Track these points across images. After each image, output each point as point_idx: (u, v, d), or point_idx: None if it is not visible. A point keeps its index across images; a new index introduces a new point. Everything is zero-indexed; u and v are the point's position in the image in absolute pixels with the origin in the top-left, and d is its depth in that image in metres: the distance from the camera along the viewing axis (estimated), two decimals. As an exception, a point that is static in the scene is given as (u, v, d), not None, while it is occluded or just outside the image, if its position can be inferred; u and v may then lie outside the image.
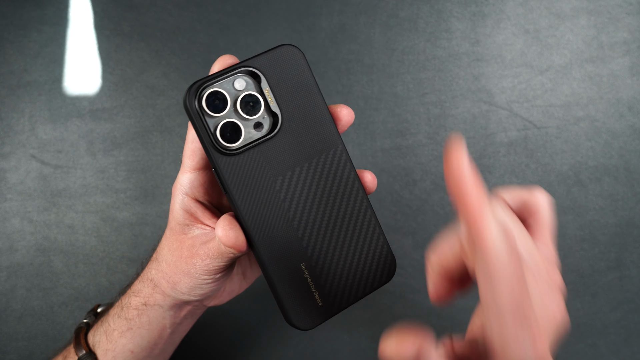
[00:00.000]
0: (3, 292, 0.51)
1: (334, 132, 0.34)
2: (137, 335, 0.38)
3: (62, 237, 0.52)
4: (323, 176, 0.34)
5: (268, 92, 0.33)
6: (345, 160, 0.34)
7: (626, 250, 0.54)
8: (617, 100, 0.56)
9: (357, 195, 0.34)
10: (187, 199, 0.35)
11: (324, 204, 0.34)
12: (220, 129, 0.32)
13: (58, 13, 0.54)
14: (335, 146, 0.34)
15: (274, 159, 0.33)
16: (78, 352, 0.38)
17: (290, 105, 0.33)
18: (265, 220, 0.32)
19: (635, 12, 0.57)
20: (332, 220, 0.34)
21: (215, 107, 0.32)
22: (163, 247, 0.37)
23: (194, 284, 0.35)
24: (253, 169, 0.32)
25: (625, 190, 0.55)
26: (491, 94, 0.55)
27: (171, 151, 0.53)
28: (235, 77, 0.32)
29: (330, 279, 0.34)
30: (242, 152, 0.32)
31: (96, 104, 0.54)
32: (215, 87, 0.32)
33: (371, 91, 0.55)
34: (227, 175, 0.32)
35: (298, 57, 0.33)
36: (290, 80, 0.33)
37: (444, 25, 0.56)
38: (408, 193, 0.54)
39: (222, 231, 0.32)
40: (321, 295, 0.33)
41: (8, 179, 0.52)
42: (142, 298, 0.38)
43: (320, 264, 0.33)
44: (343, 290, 0.34)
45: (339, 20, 0.55)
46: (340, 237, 0.34)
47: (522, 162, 0.55)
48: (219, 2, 0.55)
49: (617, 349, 0.53)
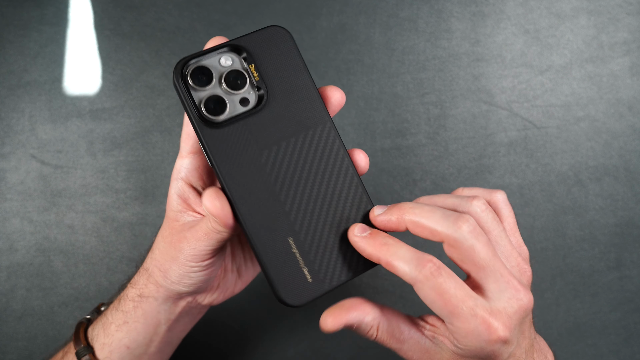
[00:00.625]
0: (3, 292, 0.51)
1: (321, 109, 0.34)
2: (132, 329, 0.38)
3: (62, 237, 0.52)
4: (311, 151, 0.34)
5: (253, 68, 0.33)
6: (334, 137, 0.34)
7: (626, 250, 0.54)
8: (617, 100, 0.56)
9: (347, 171, 0.34)
10: (181, 183, 0.35)
11: (312, 179, 0.33)
12: (205, 101, 0.32)
13: (58, 13, 0.54)
14: (323, 123, 0.34)
15: (260, 132, 0.33)
16: (76, 346, 0.38)
17: (276, 83, 0.33)
18: (250, 192, 0.32)
19: (635, 12, 0.57)
20: (320, 195, 0.33)
21: (200, 81, 0.33)
22: (158, 236, 0.37)
23: (183, 272, 0.35)
24: (238, 142, 0.33)
25: (625, 190, 0.55)
26: (491, 94, 0.55)
27: (171, 151, 0.53)
28: (221, 54, 0.33)
29: (320, 254, 0.33)
30: (228, 126, 0.32)
31: (96, 104, 0.54)
32: (201, 63, 0.33)
33: (371, 91, 0.55)
34: (212, 146, 0.32)
35: (285, 37, 0.34)
36: (277, 59, 0.34)
37: (444, 25, 0.56)
38: (408, 193, 0.54)
39: (208, 201, 0.32)
40: (311, 271, 0.33)
41: (8, 179, 0.52)
42: (137, 289, 0.38)
43: (309, 239, 0.33)
44: (334, 267, 0.33)
45: (339, 20, 0.55)
46: (329, 213, 0.34)
47: (522, 162, 0.55)
48: (219, 2, 0.55)
49: (617, 349, 0.53)
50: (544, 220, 0.54)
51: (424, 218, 0.31)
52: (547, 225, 0.54)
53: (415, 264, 0.30)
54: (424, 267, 0.30)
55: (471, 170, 0.54)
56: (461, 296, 0.29)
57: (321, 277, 0.33)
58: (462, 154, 0.54)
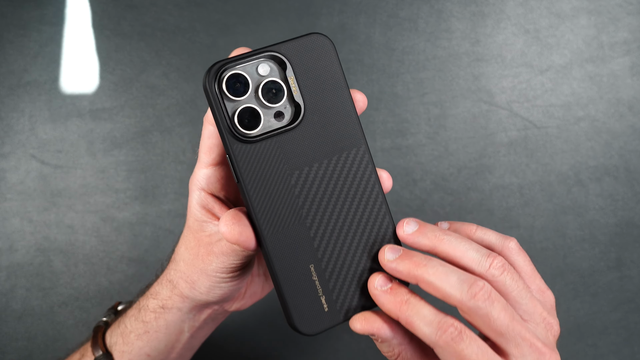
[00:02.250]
0: (3, 292, 0.51)
1: (358, 130, 0.32)
2: (153, 338, 0.37)
3: (62, 237, 0.52)
4: (342, 175, 0.32)
5: (293, 80, 0.31)
6: (367, 162, 0.32)
7: (626, 250, 0.54)
8: (617, 100, 0.56)
9: (376, 199, 0.33)
10: (203, 194, 0.34)
11: (340, 205, 0.32)
12: (239, 113, 0.30)
13: (58, 13, 0.54)
14: (358, 145, 0.32)
15: (292, 151, 0.31)
16: (95, 352, 0.38)
17: (314, 97, 0.31)
18: (276, 214, 0.31)
19: (635, 12, 0.57)
20: (347, 222, 0.32)
21: (235, 90, 0.30)
22: (180, 246, 0.36)
23: (212, 283, 0.34)
24: (269, 160, 0.31)
25: (625, 190, 0.55)
26: (491, 94, 0.55)
27: (171, 151, 0.53)
28: (259, 61, 0.31)
29: (339, 284, 0.32)
30: (259, 141, 0.30)
31: (96, 104, 0.54)
32: (238, 70, 0.30)
33: (371, 91, 0.55)
34: (241, 163, 0.30)
35: (328, 47, 0.31)
36: (318, 71, 0.31)
37: (444, 25, 0.56)
38: (408, 193, 0.54)
39: (225, 226, 0.30)
40: (328, 301, 0.32)
41: (8, 179, 0.52)
42: (159, 301, 0.37)
43: (330, 268, 0.32)
44: (352, 298, 0.32)
45: (339, 20, 0.55)
46: (353, 242, 0.32)
47: (522, 162, 0.55)
48: (219, 2, 0.55)
49: (617, 349, 0.53)
50: (544, 220, 0.54)
51: (438, 280, 0.29)
52: (547, 225, 0.54)
53: (436, 327, 0.29)
54: (445, 331, 0.28)
55: (471, 170, 0.54)
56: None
57: (338, 308, 0.32)
58: (462, 154, 0.54)
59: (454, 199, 0.54)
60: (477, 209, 0.54)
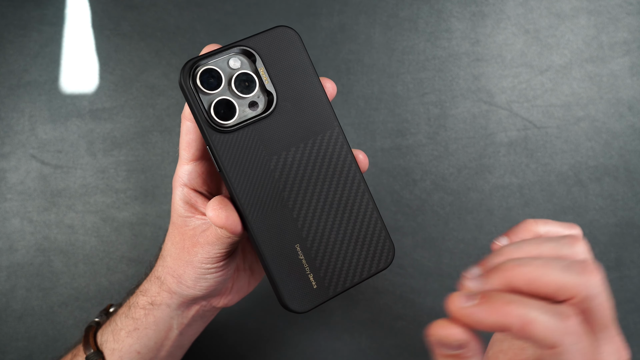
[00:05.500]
0: (3, 292, 0.51)
1: (330, 114, 0.34)
2: (143, 335, 0.38)
3: (62, 237, 0.52)
4: (319, 157, 0.33)
5: (263, 71, 0.33)
6: (342, 142, 0.34)
7: (626, 250, 0.54)
8: (617, 100, 0.56)
9: (354, 177, 0.34)
10: (186, 189, 0.35)
11: (319, 185, 0.33)
12: (215, 105, 0.32)
13: (58, 13, 0.54)
14: (331, 128, 0.34)
15: (269, 138, 0.33)
16: (86, 350, 0.38)
17: (285, 86, 0.33)
18: (259, 198, 0.32)
19: (635, 12, 0.57)
20: (328, 201, 0.34)
21: (209, 84, 0.32)
22: (167, 242, 0.37)
23: (198, 275, 0.35)
24: (247, 147, 0.32)
25: (625, 190, 0.55)
26: (491, 94, 0.55)
27: (171, 151, 0.53)
28: (230, 55, 0.32)
29: (325, 261, 0.33)
30: (236, 130, 0.32)
31: (96, 104, 0.54)
32: (210, 65, 0.32)
33: (371, 91, 0.55)
34: (221, 152, 0.32)
35: (294, 38, 0.33)
36: (286, 61, 0.33)
37: (444, 25, 0.56)
38: (408, 193, 0.54)
39: (212, 211, 0.31)
40: (316, 278, 0.33)
41: (8, 179, 0.52)
42: (149, 297, 0.38)
43: (315, 246, 0.33)
44: (339, 274, 0.34)
45: (339, 20, 0.55)
46: (336, 219, 0.34)
47: (522, 162, 0.55)
48: (219, 2, 0.55)
49: (617, 349, 0.53)
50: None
51: (542, 272, 0.24)
52: (547, 225, 0.54)
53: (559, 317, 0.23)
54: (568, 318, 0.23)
55: (471, 170, 0.54)
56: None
57: (326, 284, 0.33)
58: (462, 154, 0.54)
59: (454, 199, 0.54)
60: (477, 209, 0.54)
